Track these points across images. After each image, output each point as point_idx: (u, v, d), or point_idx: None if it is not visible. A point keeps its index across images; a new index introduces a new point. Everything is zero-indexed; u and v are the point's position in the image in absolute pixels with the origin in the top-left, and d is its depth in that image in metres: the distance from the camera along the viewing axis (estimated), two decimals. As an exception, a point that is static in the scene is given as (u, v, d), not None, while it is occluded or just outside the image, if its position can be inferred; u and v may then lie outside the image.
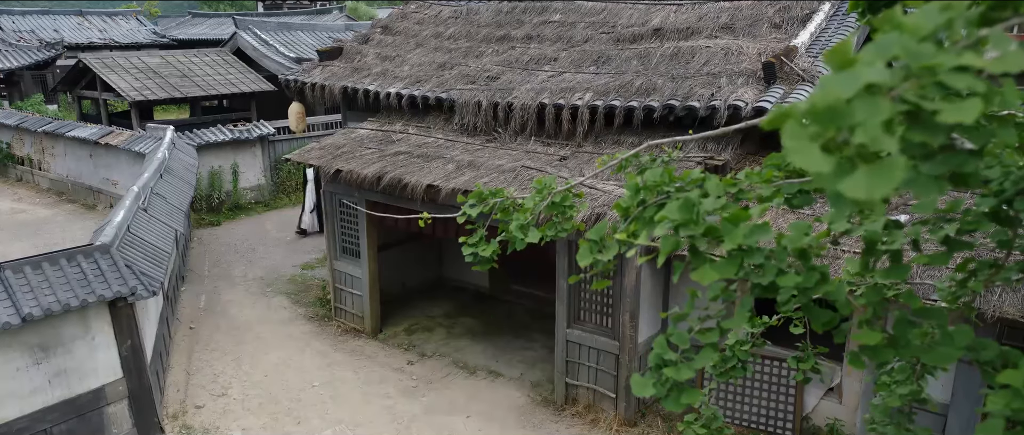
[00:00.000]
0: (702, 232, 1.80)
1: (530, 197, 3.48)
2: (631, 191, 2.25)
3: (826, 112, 1.21)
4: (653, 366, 2.03)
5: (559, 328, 8.51)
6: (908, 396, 2.66)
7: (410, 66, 11.43)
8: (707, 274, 1.79)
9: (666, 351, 2.01)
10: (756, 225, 1.85)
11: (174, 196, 11.26)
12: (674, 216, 1.83)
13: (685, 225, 1.81)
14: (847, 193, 1.02)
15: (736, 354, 3.47)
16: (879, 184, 1.01)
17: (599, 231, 2.54)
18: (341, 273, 10.92)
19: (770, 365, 7.82)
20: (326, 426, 8.28)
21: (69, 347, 7.31)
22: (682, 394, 1.99)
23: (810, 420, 7.76)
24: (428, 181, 8.64)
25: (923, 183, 1.23)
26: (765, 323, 3.43)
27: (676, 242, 1.83)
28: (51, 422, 7.26)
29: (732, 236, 1.79)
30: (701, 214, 1.81)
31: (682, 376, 1.97)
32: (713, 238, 1.81)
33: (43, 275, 7.08)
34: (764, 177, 2.30)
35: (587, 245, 2.52)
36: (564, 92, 9.07)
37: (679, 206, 1.82)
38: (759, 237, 1.83)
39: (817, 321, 1.88)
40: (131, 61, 19.04)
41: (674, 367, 1.98)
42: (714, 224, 1.81)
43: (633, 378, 2.06)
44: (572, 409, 8.51)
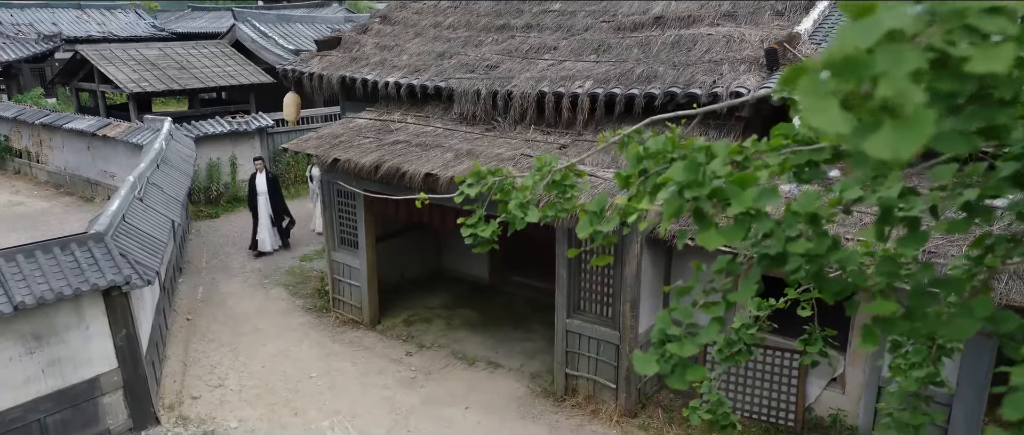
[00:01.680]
0: (708, 194, 1.71)
1: (530, 176, 3.38)
2: (633, 160, 2.16)
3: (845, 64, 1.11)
4: (656, 342, 1.94)
5: (559, 318, 8.42)
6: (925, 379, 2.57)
7: (409, 55, 11.33)
8: (712, 239, 1.70)
9: (669, 326, 1.92)
10: (765, 189, 1.75)
11: (171, 186, 11.16)
12: (679, 177, 1.74)
13: (690, 187, 1.72)
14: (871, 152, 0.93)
15: (742, 338, 3.38)
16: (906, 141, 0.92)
17: (599, 202, 2.44)
18: (339, 264, 10.83)
19: (772, 355, 7.73)
20: (324, 417, 8.20)
21: (63, 336, 7.22)
22: (687, 371, 1.90)
23: (813, 410, 7.68)
24: (426, 170, 8.55)
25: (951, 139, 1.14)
26: (771, 306, 3.34)
27: (680, 205, 1.74)
28: (45, 412, 7.18)
29: (739, 199, 1.69)
30: (707, 176, 1.71)
31: (686, 352, 1.88)
32: (719, 201, 1.72)
33: (36, 263, 6.99)
34: (772, 146, 2.21)
35: (587, 217, 2.42)
36: (564, 80, 8.97)
37: (684, 167, 1.73)
38: (768, 201, 1.74)
39: (828, 291, 1.78)
40: (129, 53, 18.92)
41: (678, 342, 1.89)
42: (721, 186, 1.71)
43: (635, 356, 1.97)
44: (572, 400, 8.43)
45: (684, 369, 1.89)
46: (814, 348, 3.30)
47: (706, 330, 1.89)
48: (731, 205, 1.68)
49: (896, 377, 2.83)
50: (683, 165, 1.75)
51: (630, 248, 7.59)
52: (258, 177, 13.81)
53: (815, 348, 3.30)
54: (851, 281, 1.76)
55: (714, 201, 1.72)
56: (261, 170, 13.81)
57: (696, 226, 1.74)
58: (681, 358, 1.88)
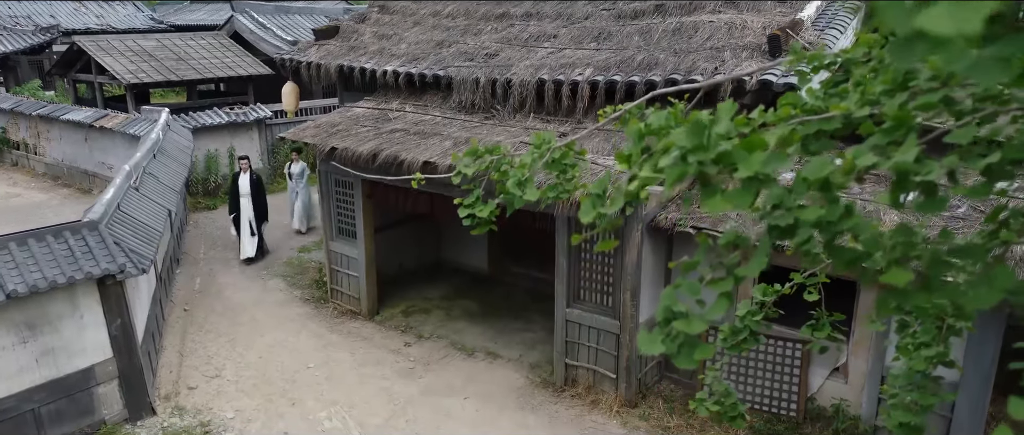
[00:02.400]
0: (713, 158, 1.61)
1: (528, 154, 3.29)
2: (634, 137, 2.06)
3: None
4: (661, 320, 1.85)
5: (558, 308, 8.33)
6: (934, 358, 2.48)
7: (407, 44, 11.21)
8: (718, 204, 1.60)
9: (675, 303, 1.83)
10: (774, 153, 1.66)
11: (167, 176, 11.07)
12: (682, 142, 1.65)
13: (694, 151, 1.62)
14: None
15: (747, 325, 3.29)
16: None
17: (601, 184, 2.35)
18: (337, 254, 10.74)
19: (774, 344, 7.64)
20: (321, 407, 8.13)
21: (56, 326, 7.14)
22: (694, 349, 1.81)
23: (815, 400, 7.60)
24: (425, 158, 8.45)
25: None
26: (776, 292, 3.25)
27: (683, 170, 1.64)
28: (39, 402, 7.10)
29: (747, 163, 1.60)
30: (712, 139, 1.62)
31: (693, 329, 1.79)
32: (725, 166, 1.63)
33: (29, 251, 6.90)
34: (779, 116, 2.12)
35: (589, 200, 2.33)
36: (564, 68, 8.86)
37: (688, 130, 1.64)
38: (777, 165, 1.64)
39: (841, 260, 1.69)
40: (126, 44, 18.80)
41: (684, 319, 1.80)
42: (726, 150, 1.62)
43: (640, 335, 1.88)
44: (572, 390, 8.35)
45: (691, 348, 1.80)
46: (822, 333, 3.21)
47: (713, 306, 1.80)
48: (738, 169, 1.59)
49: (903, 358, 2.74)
50: (686, 129, 1.66)
51: (631, 236, 7.50)
52: (241, 177, 12.74)
53: (823, 333, 3.20)
54: (865, 250, 1.67)
55: (720, 167, 1.63)
56: (246, 170, 12.79)
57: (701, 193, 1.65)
58: (688, 336, 1.79)
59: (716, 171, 1.63)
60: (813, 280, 3.06)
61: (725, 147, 1.61)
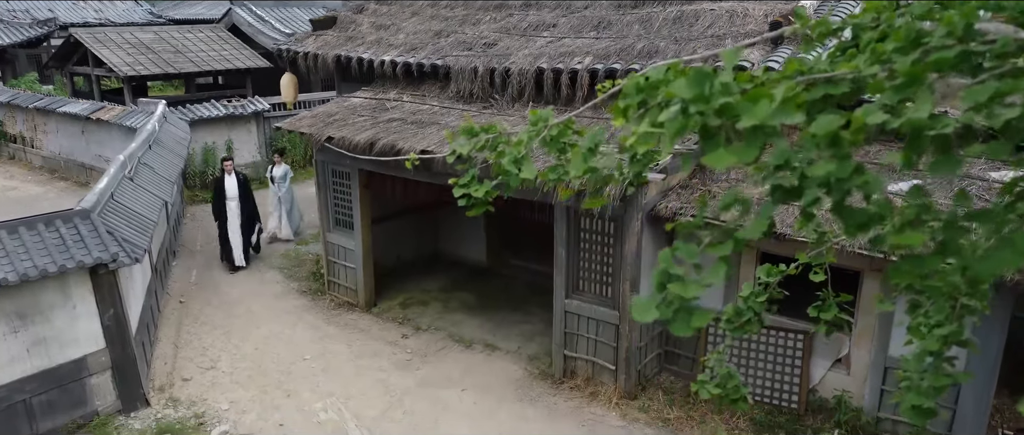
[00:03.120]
0: (716, 110, 1.51)
1: (524, 131, 3.19)
2: (632, 91, 1.96)
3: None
4: (656, 284, 1.75)
5: (557, 298, 8.23)
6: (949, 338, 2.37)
7: (405, 34, 11.10)
8: (721, 158, 1.51)
9: (672, 266, 1.72)
10: (780, 105, 1.56)
11: (163, 167, 10.97)
12: (683, 93, 1.55)
13: (695, 102, 1.52)
14: None
15: (751, 306, 3.19)
16: None
17: (594, 138, 2.25)
18: (334, 246, 10.65)
19: (775, 335, 7.55)
20: (317, 399, 8.03)
21: (48, 315, 7.05)
22: (691, 316, 1.71)
23: (817, 392, 7.50)
24: (422, 146, 8.34)
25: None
26: (781, 272, 3.14)
27: (683, 123, 1.54)
28: (30, 392, 7.01)
29: (752, 113, 1.50)
30: (715, 90, 1.52)
31: (690, 293, 1.69)
32: (728, 118, 1.53)
33: (19, 240, 6.80)
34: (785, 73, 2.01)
35: (580, 154, 2.23)
36: (563, 57, 8.75)
37: (688, 81, 1.54)
38: (783, 117, 1.54)
39: (851, 222, 1.59)
40: (123, 36, 18.68)
41: (680, 283, 1.69)
42: (730, 101, 1.52)
43: (634, 301, 1.78)
44: (570, 382, 8.25)
45: (688, 314, 1.70)
46: (828, 314, 3.10)
47: (711, 271, 1.70)
48: (742, 119, 1.48)
49: (915, 339, 2.64)
50: (687, 80, 1.56)
51: (630, 225, 7.39)
52: (227, 180, 11.91)
53: (829, 314, 3.10)
54: (877, 212, 1.57)
55: (723, 119, 1.53)
56: (231, 171, 11.99)
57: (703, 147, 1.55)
58: (684, 301, 1.69)
59: (719, 124, 1.53)
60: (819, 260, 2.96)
61: (729, 98, 1.51)
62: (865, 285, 6.95)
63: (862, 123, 1.66)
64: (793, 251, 3.40)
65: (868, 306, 7.01)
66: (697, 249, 1.74)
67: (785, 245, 6.67)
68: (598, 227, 7.82)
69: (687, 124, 1.55)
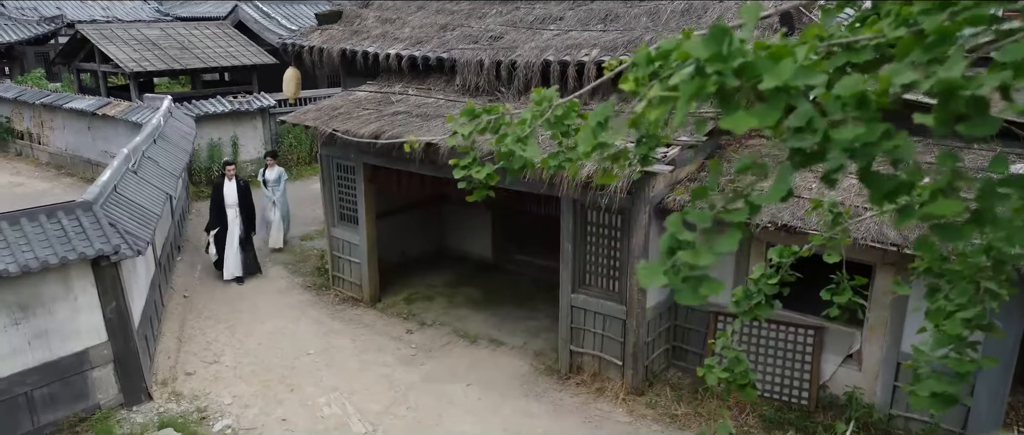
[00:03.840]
0: (735, 69, 1.41)
1: (527, 110, 3.09)
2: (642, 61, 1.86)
3: None
4: (665, 250, 1.64)
5: (563, 293, 8.13)
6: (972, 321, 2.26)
7: (411, 28, 11.02)
8: (741, 120, 1.40)
9: (681, 231, 1.62)
10: (804, 65, 1.45)
11: (167, 161, 10.91)
12: (698, 52, 1.45)
13: (712, 61, 1.42)
14: None
15: (762, 288, 3.08)
16: None
17: (604, 112, 2.15)
18: (339, 240, 10.57)
19: (786, 331, 7.43)
20: (320, 393, 7.96)
21: (50, 307, 6.99)
22: (701, 284, 1.60)
23: (827, 388, 7.37)
24: (427, 139, 8.24)
25: None
26: (794, 253, 3.03)
27: (700, 84, 1.44)
28: (32, 385, 6.95)
29: (774, 73, 1.40)
30: (733, 48, 1.42)
31: (701, 260, 1.58)
32: (748, 79, 1.43)
33: (21, 231, 6.75)
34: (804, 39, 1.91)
35: (589, 130, 2.13)
36: (570, 49, 8.66)
37: (705, 40, 1.43)
38: (808, 79, 1.44)
39: (878, 190, 1.48)
40: (130, 32, 18.67)
41: (691, 250, 1.59)
42: (750, 60, 1.42)
43: (641, 267, 1.68)
44: (577, 377, 8.15)
45: (697, 282, 1.59)
46: (842, 297, 2.99)
47: (726, 238, 1.59)
48: (763, 79, 1.38)
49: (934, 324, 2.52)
50: (703, 39, 1.46)
51: (638, 218, 7.28)
52: (227, 186, 11.11)
53: (843, 297, 2.99)
54: (907, 178, 1.46)
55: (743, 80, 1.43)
56: (231, 176, 11.20)
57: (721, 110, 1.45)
58: (694, 268, 1.58)
59: (738, 85, 1.43)
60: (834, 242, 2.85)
61: (749, 57, 1.41)
62: (878, 279, 6.82)
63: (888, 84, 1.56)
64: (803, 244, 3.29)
65: (881, 300, 6.88)
66: (709, 214, 1.64)
67: (795, 238, 6.54)
68: (605, 221, 7.71)
69: (703, 86, 1.45)
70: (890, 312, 6.85)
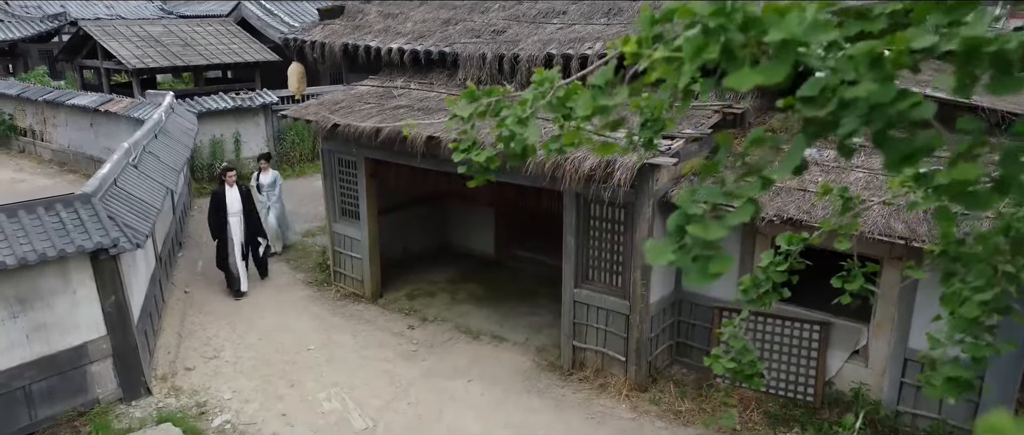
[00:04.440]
0: (739, 24, 1.33)
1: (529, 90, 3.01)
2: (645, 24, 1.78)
3: None
4: (674, 227, 1.57)
5: (566, 288, 8.04)
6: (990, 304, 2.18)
7: (413, 23, 10.96)
8: (747, 77, 1.33)
9: (690, 206, 1.54)
10: (813, 20, 1.38)
11: (168, 156, 10.86)
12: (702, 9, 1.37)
13: (716, 16, 1.34)
14: None
15: (770, 276, 3.00)
16: None
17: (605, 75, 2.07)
18: (340, 236, 10.51)
19: (791, 326, 7.33)
20: (320, 388, 7.89)
21: (48, 301, 6.93)
22: (711, 261, 1.53)
23: (833, 385, 7.27)
24: (429, 132, 8.17)
25: None
26: (803, 239, 2.95)
27: (703, 42, 1.37)
28: (29, 379, 6.90)
29: (780, 26, 1.32)
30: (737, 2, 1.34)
31: (712, 234, 1.50)
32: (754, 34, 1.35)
33: (19, 223, 6.69)
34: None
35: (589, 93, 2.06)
36: (573, 43, 8.58)
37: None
38: (817, 35, 1.36)
39: (895, 154, 1.40)
40: (132, 29, 18.67)
41: (701, 224, 1.51)
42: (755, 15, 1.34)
43: (648, 244, 1.60)
44: (579, 373, 8.06)
45: (707, 259, 1.52)
46: (854, 284, 2.90)
47: (738, 211, 1.52)
48: (769, 33, 1.31)
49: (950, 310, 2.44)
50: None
51: (642, 212, 7.20)
52: (229, 193, 10.36)
53: (855, 284, 2.90)
54: (924, 143, 1.38)
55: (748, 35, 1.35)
56: (232, 183, 10.42)
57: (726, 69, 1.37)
58: (704, 244, 1.51)
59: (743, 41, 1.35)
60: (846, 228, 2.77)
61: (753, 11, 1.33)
62: (885, 274, 6.72)
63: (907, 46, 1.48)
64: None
65: (888, 296, 6.79)
66: (720, 190, 1.56)
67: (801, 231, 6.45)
68: (608, 215, 7.63)
69: (708, 44, 1.37)
70: (897, 307, 6.75)
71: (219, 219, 10.32)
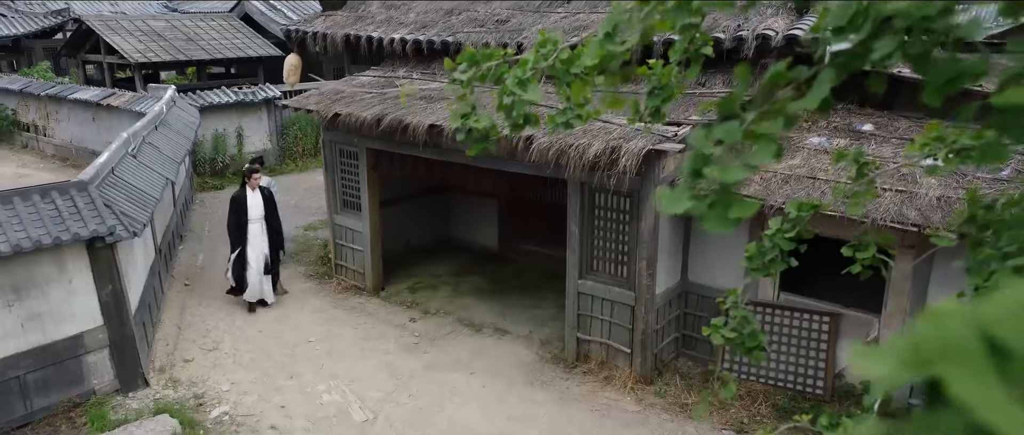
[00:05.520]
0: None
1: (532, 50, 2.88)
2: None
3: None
4: (689, 171, 1.43)
5: (570, 279, 7.90)
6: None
7: (416, 13, 10.84)
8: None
9: (707, 145, 1.40)
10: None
11: (169, 147, 10.75)
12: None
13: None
14: None
15: (777, 243, 2.85)
16: None
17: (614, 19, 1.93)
18: (341, 228, 10.38)
19: (800, 318, 7.17)
20: (320, 381, 7.76)
21: (44, 289, 6.82)
22: (730, 206, 1.39)
23: (844, 377, 7.12)
24: (430, 121, 8.05)
25: None
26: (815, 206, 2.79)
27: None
28: (25, 368, 6.78)
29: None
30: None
31: (732, 177, 1.37)
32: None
33: (13, 210, 6.57)
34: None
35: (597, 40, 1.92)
36: (578, 31, 8.43)
37: None
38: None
39: (937, 77, 1.26)
40: (135, 23, 18.59)
41: (720, 166, 1.37)
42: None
43: (661, 192, 1.47)
44: (584, 366, 7.92)
45: (726, 204, 1.38)
46: (866, 254, 2.75)
47: (759, 151, 1.38)
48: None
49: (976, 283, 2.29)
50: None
51: (648, 201, 7.05)
52: (251, 197, 9.32)
53: (867, 254, 2.75)
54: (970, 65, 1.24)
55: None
56: (255, 186, 9.39)
57: None
58: (723, 187, 1.37)
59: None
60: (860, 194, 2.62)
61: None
62: (896, 263, 6.56)
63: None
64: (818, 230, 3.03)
65: (900, 286, 6.62)
66: (739, 127, 1.42)
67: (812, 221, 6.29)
68: (613, 203, 7.48)
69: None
70: (910, 298, 6.59)
71: (240, 226, 9.28)
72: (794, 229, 2.71)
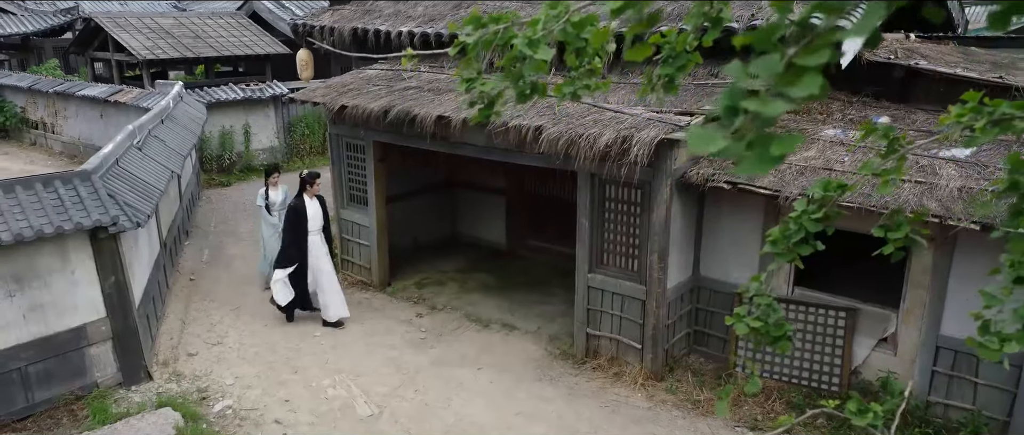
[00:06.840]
0: None
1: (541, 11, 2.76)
2: None
3: None
4: (724, 108, 1.29)
5: (580, 273, 7.75)
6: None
7: (424, 7, 10.75)
8: None
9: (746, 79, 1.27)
10: None
11: (174, 141, 10.68)
12: None
13: None
14: None
15: (804, 225, 2.71)
16: None
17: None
18: (348, 222, 10.28)
19: (816, 313, 7.00)
20: (325, 375, 7.64)
21: (46, 280, 6.73)
22: (770, 144, 1.25)
23: (860, 374, 6.94)
24: (438, 112, 7.93)
25: None
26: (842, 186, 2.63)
27: None
28: (26, 360, 6.69)
29: None
30: None
31: (773, 110, 1.23)
32: None
33: (16, 199, 6.49)
34: None
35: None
36: (588, 21, 8.29)
37: None
38: None
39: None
40: (143, 21, 18.58)
41: (760, 99, 1.24)
42: None
43: (691, 130, 1.33)
44: (593, 362, 7.77)
45: (766, 143, 1.24)
46: (899, 233, 2.60)
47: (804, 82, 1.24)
48: None
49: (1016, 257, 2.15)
50: None
51: (659, 193, 6.90)
52: (310, 207, 8.56)
53: (900, 233, 2.60)
54: None
55: None
56: (313, 195, 8.65)
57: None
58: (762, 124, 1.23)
59: None
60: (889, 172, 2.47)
61: None
62: (915, 256, 6.39)
63: None
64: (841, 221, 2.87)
65: (918, 279, 6.45)
66: (780, 61, 1.28)
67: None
68: (624, 195, 7.33)
69: None
70: (929, 293, 6.41)
71: (300, 238, 8.51)
72: (821, 209, 2.57)
